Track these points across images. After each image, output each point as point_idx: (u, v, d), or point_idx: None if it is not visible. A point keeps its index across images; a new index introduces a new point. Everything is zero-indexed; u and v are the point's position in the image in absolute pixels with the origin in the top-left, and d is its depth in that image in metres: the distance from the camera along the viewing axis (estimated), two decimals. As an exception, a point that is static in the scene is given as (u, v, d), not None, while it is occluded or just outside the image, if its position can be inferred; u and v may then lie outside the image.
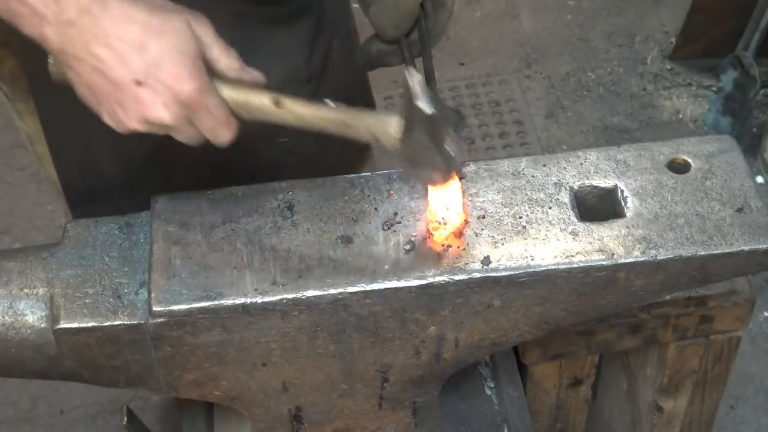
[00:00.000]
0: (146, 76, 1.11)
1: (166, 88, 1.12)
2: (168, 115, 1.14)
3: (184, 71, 1.12)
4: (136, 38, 1.11)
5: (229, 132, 1.20)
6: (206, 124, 1.17)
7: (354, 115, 1.22)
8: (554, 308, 1.30)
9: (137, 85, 1.12)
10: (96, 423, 2.67)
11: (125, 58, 1.11)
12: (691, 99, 3.41)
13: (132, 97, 1.12)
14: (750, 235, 1.28)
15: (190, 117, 1.16)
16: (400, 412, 1.44)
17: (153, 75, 1.11)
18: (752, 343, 2.74)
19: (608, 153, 1.38)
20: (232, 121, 1.19)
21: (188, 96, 1.13)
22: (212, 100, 1.16)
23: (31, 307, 1.28)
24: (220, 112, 1.17)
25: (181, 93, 1.13)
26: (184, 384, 1.33)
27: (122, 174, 1.54)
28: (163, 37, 1.12)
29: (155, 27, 1.12)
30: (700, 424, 1.87)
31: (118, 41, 1.10)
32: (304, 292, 1.23)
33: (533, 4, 3.77)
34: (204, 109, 1.15)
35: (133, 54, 1.11)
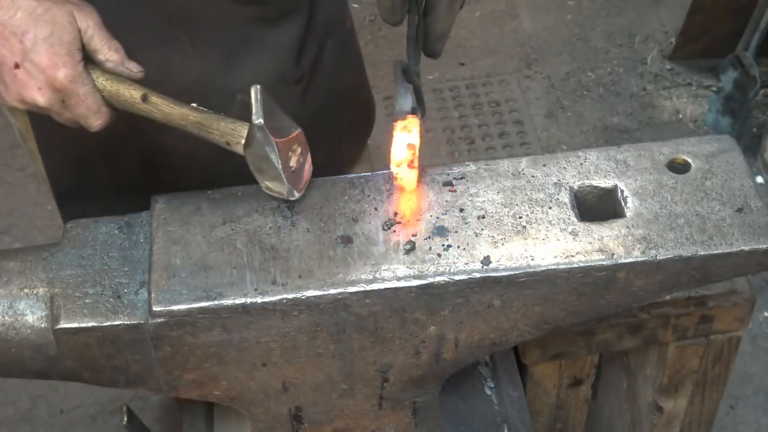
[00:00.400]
0: (23, 60, 1.20)
1: (40, 73, 1.20)
2: (42, 98, 1.22)
3: (58, 59, 1.20)
4: (18, 23, 1.20)
5: (100, 120, 1.27)
6: (77, 111, 1.25)
7: (213, 119, 1.29)
8: (554, 308, 1.30)
9: (15, 68, 1.21)
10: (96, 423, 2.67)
11: (6, 41, 1.20)
12: (691, 99, 3.41)
13: (11, 78, 1.21)
14: (750, 235, 1.28)
15: (63, 101, 1.24)
16: (400, 412, 1.44)
17: (30, 60, 1.20)
18: (752, 343, 2.74)
19: (608, 153, 1.38)
20: (104, 110, 1.26)
21: (60, 83, 1.21)
22: (83, 89, 1.23)
23: (31, 307, 1.28)
24: (91, 100, 1.25)
25: (54, 79, 1.21)
26: (184, 384, 1.33)
27: (110, 173, 1.55)
28: (43, 25, 1.20)
29: (38, 14, 1.20)
30: (700, 424, 1.87)
31: (1, 25, 1.20)
32: (304, 292, 1.23)
33: (533, 4, 3.77)
34: (75, 96, 1.23)
35: (13, 38, 1.20)
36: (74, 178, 1.57)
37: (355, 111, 1.73)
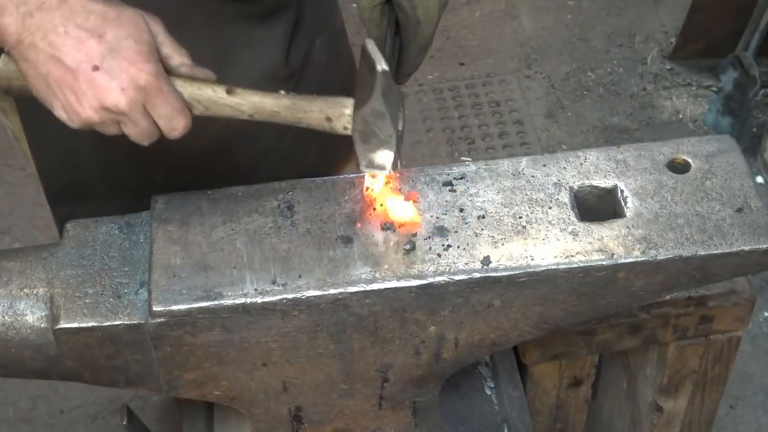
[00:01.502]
0: (103, 60, 1.14)
1: (123, 71, 1.14)
2: (124, 99, 1.15)
3: (140, 56, 1.15)
4: (94, 26, 1.14)
5: (184, 121, 1.21)
6: (162, 111, 1.19)
7: (307, 99, 1.24)
8: (554, 308, 1.30)
9: (94, 70, 1.14)
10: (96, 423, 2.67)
11: (83, 44, 1.14)
12: (691, 99, 3.41)
13: (88, 83, 1.14)
14: (750, 235, 1.28)
15: (145, 103, 1.17)
16: (400, 412, 1.44)
17: (110, 59, 1.14)
18: (752, 343, 2.74)
19: (608, 153, 1.38)
20: (186, 110, 1.21)
21: (145, 79, 1.15)
22: (167, 87, 1.18)
23: (31, 307, 1.28)
24: (175, 99, 1.19)
25: (138, 76, 1.15)
26: (184, 384, 1.32)
27: (103, 173, 1.54)
28: (120, 26, 1.15)
29: (112, 17, 1.15)
30: (700, 424, 1.87)
31: (75, 29, 1.13)
32: (304, 292, 1.23)
33: (533, 4, 3.77)
34: (160, 94, 1.17)
35: (90, 40, 1.14)
36: (67, 178, 1.57)
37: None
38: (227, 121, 1.50)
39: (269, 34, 1.49)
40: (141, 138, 1.21)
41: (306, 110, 1.24)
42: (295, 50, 1.53)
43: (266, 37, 1.49)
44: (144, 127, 1.20)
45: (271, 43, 1.50)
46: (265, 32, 1.48)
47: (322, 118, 1.24)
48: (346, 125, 1.24)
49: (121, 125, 1.20)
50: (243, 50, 1.47)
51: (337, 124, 1.24)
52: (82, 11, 1.14)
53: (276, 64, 1.51)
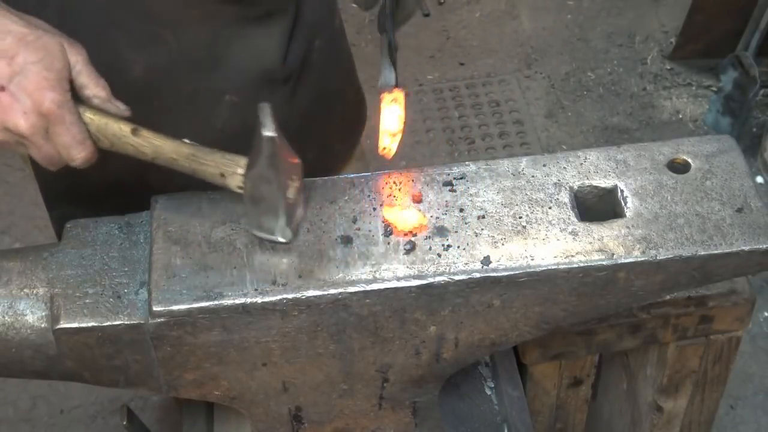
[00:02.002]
0: (9, 82, 1.16)
1: (27, 96, 1.16)
2: (25, 123, 1.17)
3: (46, 83, 1.17)
4: (8, 47, 1.16)
5: (84, 153, 1.23)
6: (61, 140, 1.21)
7: (205, 152, 1.26)
8: (554, 308, 1.30)
9: (0, 90, 1.16)
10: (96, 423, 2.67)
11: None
12: (691, 99, 3.41)
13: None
14: (750, 235, 1.28)
15: (48, 130, 1.19)
16: (400, 412, 1.44)
17: (16, 82, 1.16)
18: (752, 343, 2.74)
19: (608, 153, 1.38)
20: (88, 143, 1.23)
21: (47, 107, 1.17)
22: (70, 117, 1.20)
23: (31, 307, 1.28)
24: (77, 130, 1.21)
25: (41, 103, 1.17)
26: (184, 384, 1.32)
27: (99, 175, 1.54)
28: (34, 51, 1.17)
29: (28, 40, 1.17)
30: (700, 424, 1.87)
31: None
32: (304, 292, 1.23)
33: (533, 4, 3.77)
34: (61, 124, 1.19)
35: (1, 62, 1.16)
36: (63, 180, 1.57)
37: (344, 110, 1.74)
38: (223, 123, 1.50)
39: (267, 36, 1.49)
40: (45, 163, 1.23)
41: (202, 162, 1.26)
42: (293, 52, 1.53)
43: (264, 39, 1.49)
44: (46, 153, 1.22)
45: (268, 45, 1.50)
46: (262, 34, 1.48)
47: (217, 173, 1.26)
48: (239, 184, 1.26)
49: (25, 147, 1.21)
50: (241, 52, 1.47)
51: (230, 181, 1.27)
52: (0, 31, 1.17)
53: (274, 66, 1.51)
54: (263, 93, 1.51)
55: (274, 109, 1.24)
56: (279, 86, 1.53)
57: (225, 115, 1.50)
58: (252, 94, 1.49)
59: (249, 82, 1.49)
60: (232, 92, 1.48)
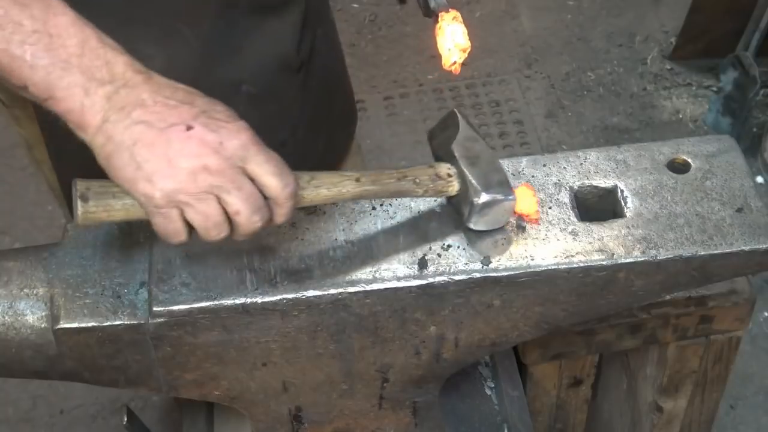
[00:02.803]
0: (196, 120, 1.05)
1: (221, 127, 1.05)
2: (222, 154, 1.04)
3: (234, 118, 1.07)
4: (183, 97, 1.07)
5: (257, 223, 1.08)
6: (268, 167, 1.07)
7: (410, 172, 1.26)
8: (554, 308, 1.30)
9: (188, 129, 1.04)
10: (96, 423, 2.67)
11: (174, 108, 1.05)
12: (691, 99, 3.41)
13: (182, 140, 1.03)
14: (750, 235, 1.28)
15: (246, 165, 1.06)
16: (400, 412, 1.44)
17: (204, 118, 1.06)
18: (752, 343, 2.74)
19: (608, 153, 1.38)
20: (266, 212, 1.08)
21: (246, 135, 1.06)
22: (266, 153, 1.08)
23: (31, 307, 1.28)
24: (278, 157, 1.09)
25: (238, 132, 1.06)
26: (184, 384, 1.32)
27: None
28: (209, 100, 1.09)
29: (198, 94, 1.09)
30: (700, 424, 1.87)
31: (164, 99, 1.06)
32: (304, 292, 1.23)
33: (533, 4, 3.77)
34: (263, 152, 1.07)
35: (182, 106, 1.06)
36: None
37: (343, 99, 1.75)
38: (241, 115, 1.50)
39: (282, 26, 1.50)
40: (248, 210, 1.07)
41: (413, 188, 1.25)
42: (305, 41, 1.54)
43: (279, 29, 1.49)
44: (248, 192, 1.06)
45: (283, 34, 1.50)
46: (278, 23, 1.49)
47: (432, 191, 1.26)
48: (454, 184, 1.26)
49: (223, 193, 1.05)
50: (257, 41, 1.47)
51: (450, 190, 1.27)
52: (169, 86, 1.08)
53: (289, 55, 1.51)
54: (279, 82, 1.51)
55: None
56: (294, 75, 1.54)
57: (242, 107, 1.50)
58: (269, 83, 1.49)
59: (266, 71, 1.49)
60: (249, 82, 1.48)
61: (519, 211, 1.30)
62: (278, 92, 1.53)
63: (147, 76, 1.08)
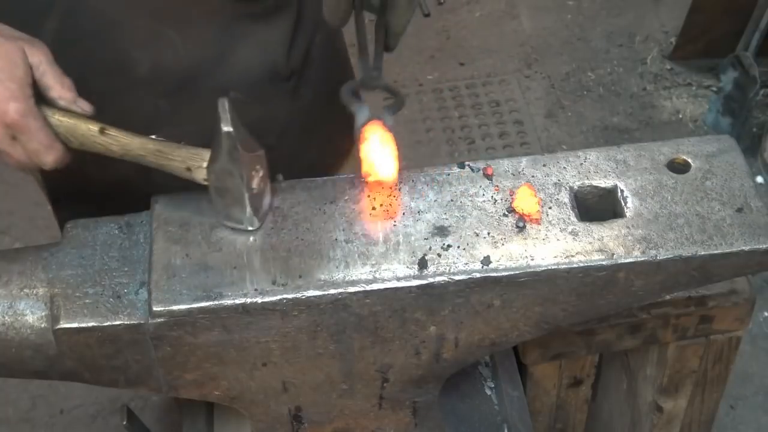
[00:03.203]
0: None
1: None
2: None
3: (9, 93, 1.18)
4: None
5: (52, 156, 1.24)
6: (30, 146, 1.23)
7: (173, 146, 1.28)
8: (554, 308, 1.30)
9: None
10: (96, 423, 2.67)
11: None
12: (691, 99, 3.41)
13: None
14: (750, 235, 1.28)
15: (14, 138, 1.21)
16: (400, 412, 1.44)
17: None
18: (752, 343, 2.74)
19: (608, 153, 1.38)
20: (56, 145, 1.24)
21: (11, 117, 1.19)
22: (35, 123, 1.21)
23: (31, 307, 1.28)
24: (43, 135, 1.22)
25: (4, 113, 1.18)
26: (184, 384, 1.33)
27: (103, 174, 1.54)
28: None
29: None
30: (700, 424, 1.88)
31: None
32: (304, 292, 1.23)
33: (533, 4, 3.77)
34: (27, 131, 1.21)
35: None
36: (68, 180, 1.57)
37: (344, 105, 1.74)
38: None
39: (271, 33, 1.49)
40: (17, 167, 1.25)
41: (169, 158, 1.28)
42: (297, 48, 1.54)
43: (268, 36, 1.49)
44: (17, 158, 1.24)
45: (273, 42, 1.50)
46: (267, 31, 1.49)
47: (183, 167, 1.28)
48: (204, 177, 1.27)
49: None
50: (245, 49, 1.47)
51: (197, 174, 1.28)
52: None
53: (278, 63, 1.51)
54: (267, 89, 1.51)
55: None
56: (283, 82, 1.53)
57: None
58: (257, 90, 1.49)
59: (254, 78, 1.49)
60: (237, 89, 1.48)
61: (520, 211, 1.30)
62: (266, 99, 1.53)
63: None
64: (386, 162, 1.31)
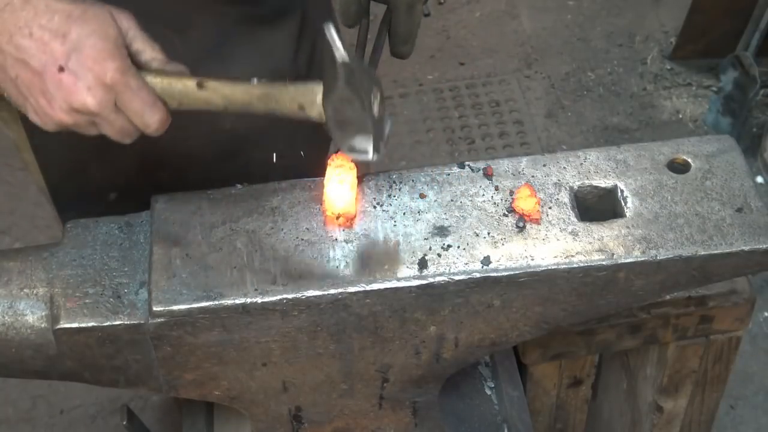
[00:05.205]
0: (67, 61, 1.12)
1: (88, 70, 1.12)
2: (92, 99, 1.13)
3: (105, 53, 1.13)
4: (58, 26, 1.12)
5: (158, 115, 1.18)
6: (133, 106, 1.16)
7: (278, 87, 1.22)
8: (554, 308, 1.30)
9: (60, 72, 1.12)
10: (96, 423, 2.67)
11: (47, 45, 1.12)
12: (691, 99, 3.41)
13: (55, 84, 1.13)
14: (750, 235, 1.28)
15: (116, 100, 1.15)
16: (400, 412, 1.44)
17: (74, 59, 1.12)
18: (752, 343, 2.74)
19: (608, 153, 1.38)
20: (159, 104, 1.18)
21: (111, 76, 1.13)
22: (136, 82, 1.16)
23: (31, 307, 1.28)
24: (145, 93, 1.17)
25: (103, 74, 1.13)
26: (184, 384, 1.33)
27: (109, 177, 1.54)
28: (84, 24, 1.13)
29: (76, 15, 1.13)
30: (700, 424, 1.88)
31: (40, 30, 1.12)
32: (304, 292, 1.23)
33: (533, 4, 3.77)
34: (128, 90, 1.15)
35: (54, 41, 1.12)
36: (73, 182, 1.57)
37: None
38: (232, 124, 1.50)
39: (276, 37, 1.49)
40: (120, 137, 1.20)
41: (278, 99, 1.22)
42: (301, 53, 1.53)
43: (273, 40, 1.49)
44: (120, 126, 1.18)
45: (277, 46, 1.50)
46: (272, 34, 1.48)
47: (295, 107, 1.22)
48: (319, 111, 1.22)
49: (97, 125, 1.18)
50: (250, 53, 1.47)
51: (311, 111, 1.22)
52: (46, 11, 1.13)
53: (283, 67, 1.51)
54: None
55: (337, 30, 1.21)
56: None
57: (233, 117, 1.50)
58: None
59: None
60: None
61: (520, 211, 1.30)
62: None
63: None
64: (345, 198, 1.30)
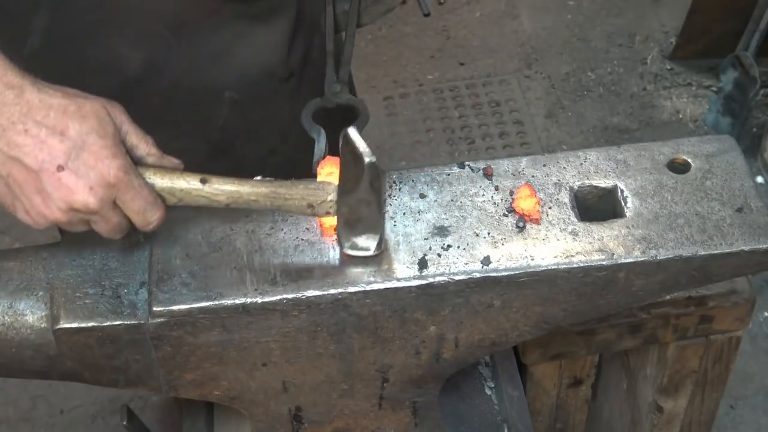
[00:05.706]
0: (68, 159, 1.08)
1: (90, 169, 1.09)
2: (93, 198, 1.10)
3: (106, 151, 1.10)
4: (54, 123, 1.08)
5: (158, 213, 1.17)
6: (134, 205, 1.14)
7: (287, 186, 1.20)
8: (554, 308, 1.30)
9: (59, 171, 1.08)
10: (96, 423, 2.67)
11: (44, 143, 1.08)
12: (691, 99, 3.41)
13: (53, 184, 1.09)
14: (750, 235, 1.28)
15: (116, 199, 1.13)
16: (400, 412, 1.44)
17: (75, 157, 1.09)
18: (752, 343, 2.74)
19: (608, 153, 1.38)
20: (159, 201, 1.17)
21: (114, 175, 1.10)
22: (137, 180, 1.13)
23: (31, 307, 1.28)
24: (147, 191, 1.15)
25: (106, 173, 1.10)
26: (184, 384, 1.33)
27: None
28: (83, 120, 1.09)
29: (72, 111, 1.09)
30: (700, 424, 1.88)
31: (35, 127, 1.08)
32: (304, 292, 1.23)
33: (533, 4, 3.77)
34: (131, 189, 1.13)
35: (52, 138, 1.08)
36: None
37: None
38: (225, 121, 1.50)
39: (270, 34, 1.49)
40: (112, 233, 1.18)
41: (286, 198, 1.20)
42: (296, 50, 1.53)
43: (267, 37, 1.49)
44: (115, 223, 1.16)
45: (271, 43, 1.50)
46: (265, 32, 1.48)
47: (304, 205, 1.21)
48: (329, 210, 1.21)
49: (90, 223, 1.16)
50: (243, 50, 1.47)
51: (320, 210, 1.21)
52: (41, 106, 1.08)
53: (276, 64, 1.51)
54: (265, 90, 1.51)
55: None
56: (281, 84, 1.53)
57: (226, 113, 1.50)
58: (254, 91, 1.49)
59: (250, 79, 1.48)
60: (232, 89, 1.48)
61: (520, 211, 1.30)
62: (264, 100, 1.52)
63: (19, 91, 1.08)
64: None
